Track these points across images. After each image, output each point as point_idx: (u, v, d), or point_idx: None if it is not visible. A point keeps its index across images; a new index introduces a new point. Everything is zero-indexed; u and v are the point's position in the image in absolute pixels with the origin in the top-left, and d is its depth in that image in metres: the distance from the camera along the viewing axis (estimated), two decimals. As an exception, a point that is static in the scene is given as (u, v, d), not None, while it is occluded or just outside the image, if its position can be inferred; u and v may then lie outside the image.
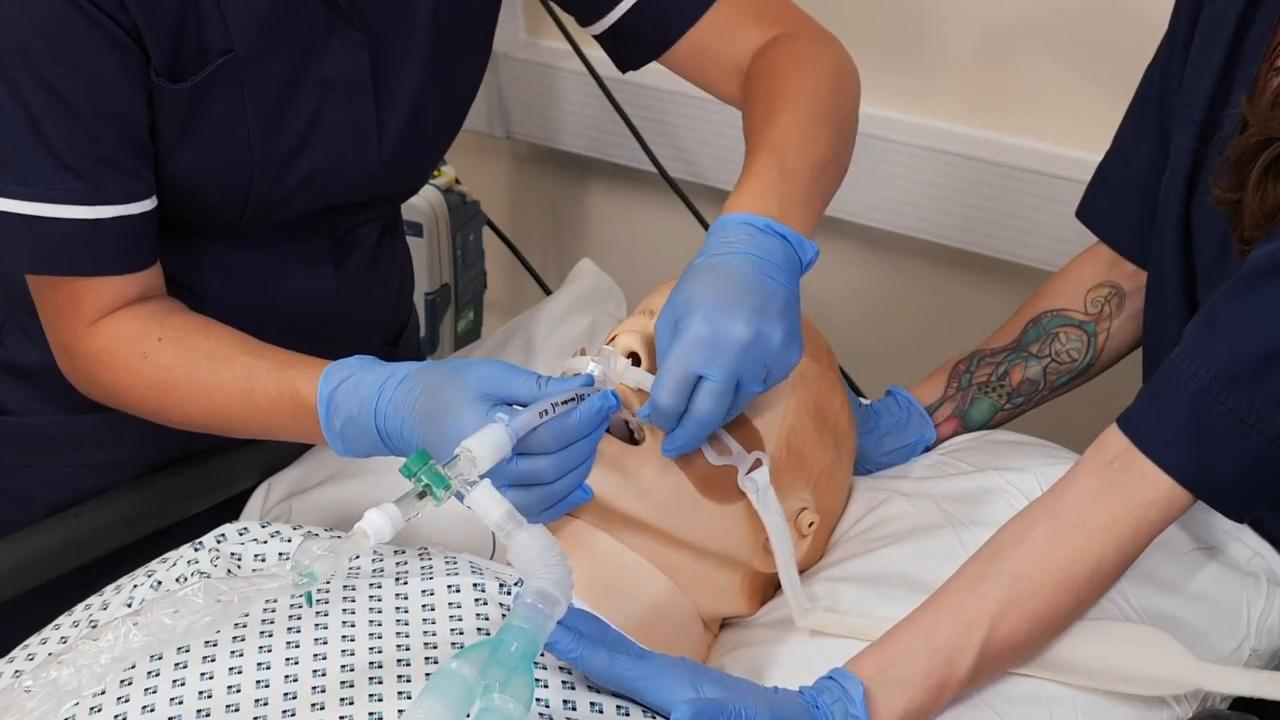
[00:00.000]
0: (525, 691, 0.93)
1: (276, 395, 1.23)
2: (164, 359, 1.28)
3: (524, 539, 1.00)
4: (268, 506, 1.48)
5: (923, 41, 2.08)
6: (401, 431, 1.13)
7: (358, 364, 1.19)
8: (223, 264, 1.43)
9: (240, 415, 1.26)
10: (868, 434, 1.40)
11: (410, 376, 1.14)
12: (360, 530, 0.98)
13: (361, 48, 1.34)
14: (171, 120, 1.29)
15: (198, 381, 1.27)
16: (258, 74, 1.30)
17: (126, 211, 1.28)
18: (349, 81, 1.35)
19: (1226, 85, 1.27)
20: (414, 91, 1.39)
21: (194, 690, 1.02)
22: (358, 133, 1.37)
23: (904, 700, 1.10)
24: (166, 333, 1.29)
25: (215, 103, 1.30)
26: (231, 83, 1.30)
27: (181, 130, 1.30)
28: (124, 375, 1.30)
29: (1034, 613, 1.14)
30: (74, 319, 1.31)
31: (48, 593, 1.38)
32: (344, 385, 1.17)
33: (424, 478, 1.01)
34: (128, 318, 1.30)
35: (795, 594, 1.21)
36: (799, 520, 1.25)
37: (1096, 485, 1.16)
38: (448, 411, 1.09)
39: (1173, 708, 1.19)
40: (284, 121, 1.33)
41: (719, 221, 1.22)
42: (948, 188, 2.07)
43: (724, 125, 2.21)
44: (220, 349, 1.28)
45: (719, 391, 1.13)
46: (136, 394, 1.30)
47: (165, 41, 1.25)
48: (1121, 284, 1.46)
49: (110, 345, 1.30)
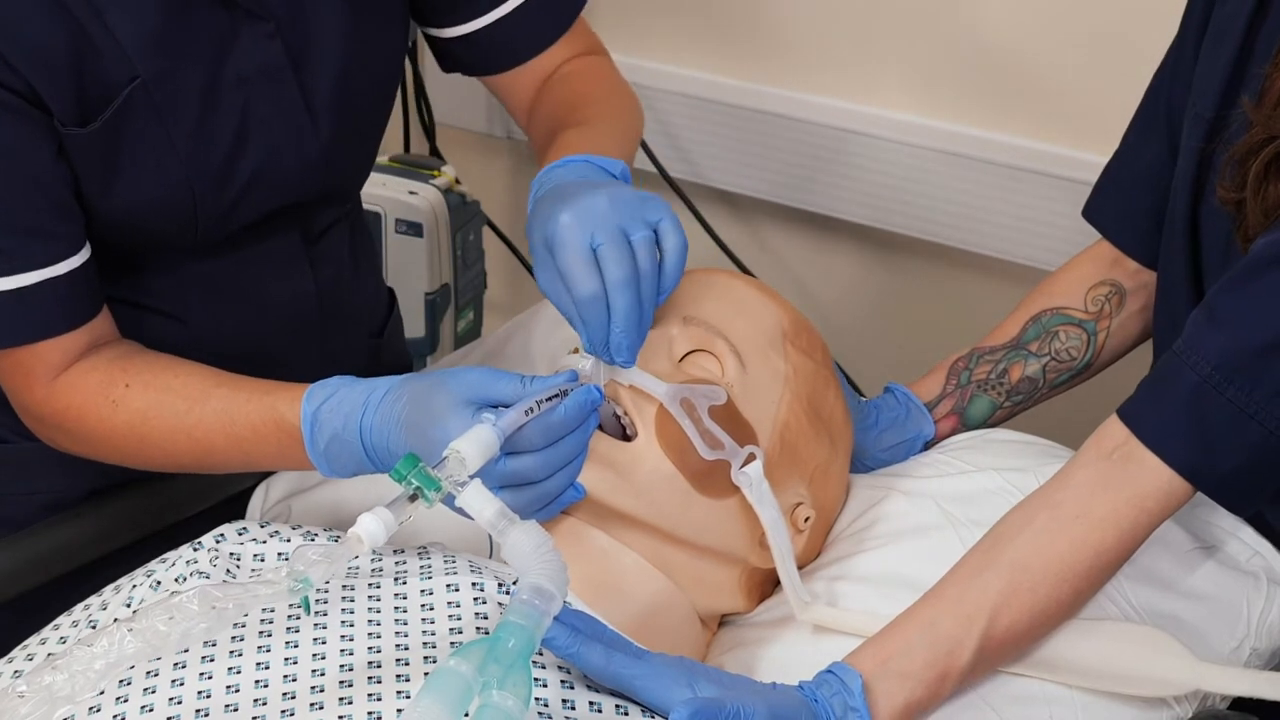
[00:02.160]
0: (524, 687, 0.93)
1: (259, 423, 1.22)
2: (136, 404, 1.26)
3: (517, 536, 1.00)
4: (266, 506, 1.48)
5: (922, 41, 2.08)
6: (388, 445, 1.13)
7: (339, 383, 1.18)
8: (202, 281, 1.41)
9: (223, 449, 1.24)
10: (866, 430, 1.40)
11: (394, 389, 1.14)
12: (354, 535, 0.98)
13: (271, 37, 1.32)
14: (91, 165, 1.27)
15: (175, 421, 1.25)
16: (171, 91, 1.28)
17: (53, 273, 1.26)
18: (268, 74, 1.33)
19: (1235, 85, 1.27)
20: (338, 73, 1.37)
21: (193, 690, 1.02)
22: (291, 124, 1.36)
23: (904, 693, 1.10)
24: (133, 378, 1.28)
25: (133, 133, 1.27)
26: (146, 109, 1.27)
27: (105, 169, 1.28)
28: (96, 427, 1.28)
29: (1034, 604, 1.14)
30: (29, 383, 1.29)
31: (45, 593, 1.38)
32: (328, 404, 1.17)
33: (414, 480, 1.01)
34: (89, 369, 1.29)
35: (794, 588, 1.21)
36: (795, 515, 1.25)
37: (1097, 476, 1.16)
38: (435, 419, 1.10)
39: (1173, 708, 1.19)
40: (213, 129, 1.31)
41: (543, 174, 1.27)
42: (948, 188, 2.08)
43: (724, 125, 2.21)
44: (193, 385, 1.26)
45: (617, 246, 1.13)
46: (112, 444, 1.28)
47: (65, 88, 1.23)
48: (1122, 282, 1.46)
49: (77, 400, 1.28)
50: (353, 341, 1.56)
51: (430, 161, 2.27)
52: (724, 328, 1.24)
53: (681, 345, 1.23)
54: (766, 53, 2.20)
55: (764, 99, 2.18)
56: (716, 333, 1.23)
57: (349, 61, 1.37)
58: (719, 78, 2.23)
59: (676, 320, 1.24)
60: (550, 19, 1.48)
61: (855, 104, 2.14)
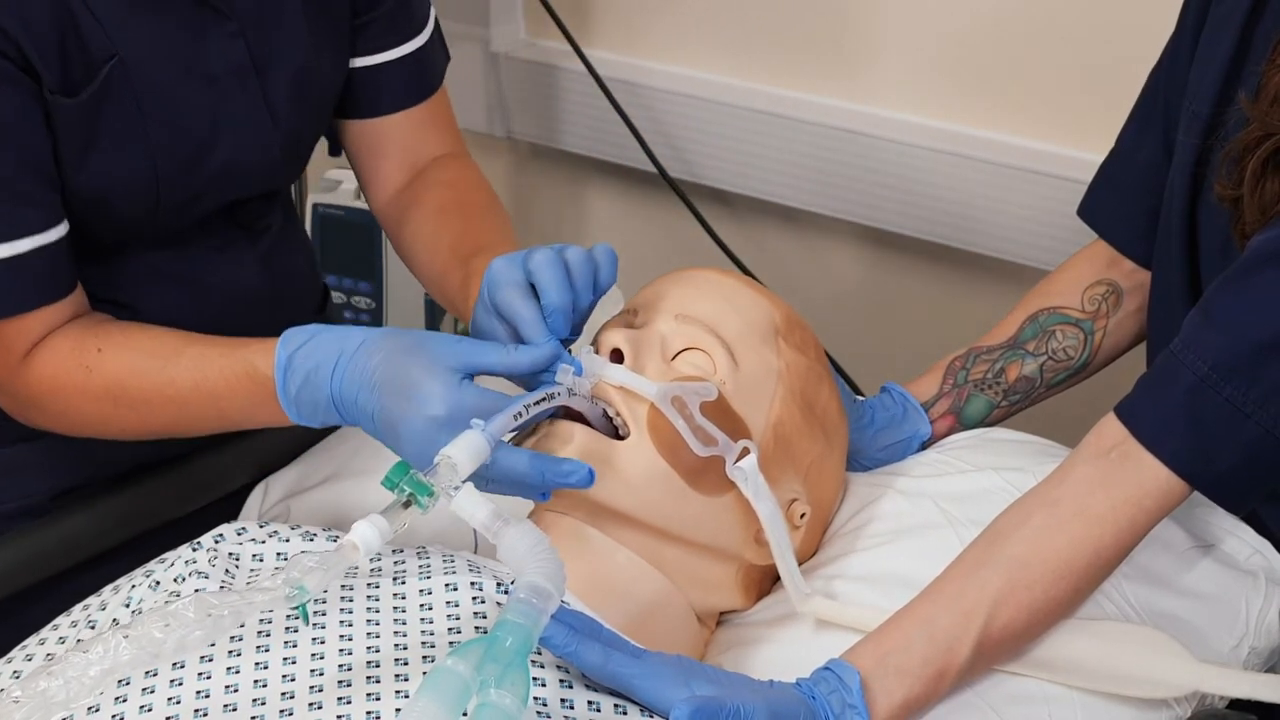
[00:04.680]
0: (522, 686, 0.93)
1: (231, 375, 1.22)
2: (109, 367, 1.27)
3: (512, 536, 1.00)
4: (266, 507, 1.48)
5: (922, 41, 2.08)
6: (356, 399, 1.14)
7: (316, 329, 1.19)
8: (149, 271, 1.42)
9: (196, 405, 1.25)
10: (863, 430, 1.40)
11: (369, 343, 1.15)
12: (349, 543, 0.99)
13: (236, 36, 1.35)
14: (72, 136, 1.28)
15: (148, 381, 1.26)
16: (147, 77, 1.30)
17: (43, 241, 1.27)
18: (233, 73, 1.36)
19: (1232, 83, 1.28)
20: (294, 73, 1.40)
21: (191, 691, 1.02)
22: (255, 123, 1.39)
23: (902, 690, 1.10)
24: (104, 342, 1.28)
25: (112, 111, 1.29)
26: (125, 89, 1.29)
27: (83, 144, 1.29)
28: (71, 396, 1.28)
29: (1032, 601, 1.14)
30: (6, 358, 1.29)
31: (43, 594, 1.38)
32: (303, 349, 1.18)
33: (406, 487, 1.02)
34: (60, 338, 1.29)
35: (793, 580, 1.21)
36: (791, 511, 1.25)
37: (1094, 474, 1.16)
38: (417, 384, 1.11)
39: (1172, 707, 1.19)
40: (184, 122, 1.34)
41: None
42: (947, 188, 2.08)
43: (724, 125, 2.21)
44: (165, 345, 1.27)
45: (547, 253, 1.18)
46: (87, 410, 1.28)
47: (52, 59, 1.25)
48: (1119, 282, 1.46)
49: (49, 370, 1.28)
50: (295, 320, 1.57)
51: (430, 162, 2.27)
52: (716, 324, 1.24)
53: (674, 343, 1.23)
54: (766, 53, 2.20)
55: (764, 99, 2.18)
56: (708, 329, 1.23)
57: (303, 67, 1.41)
58: (719, 77, 2.23)
59: (669, 318, 1.24)
60: (414, 85, 1.52)
61: (855, 104, 2.14)
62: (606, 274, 1.21)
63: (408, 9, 1.50)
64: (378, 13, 1.48)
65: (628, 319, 1.26)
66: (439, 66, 1.55)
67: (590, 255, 1.20)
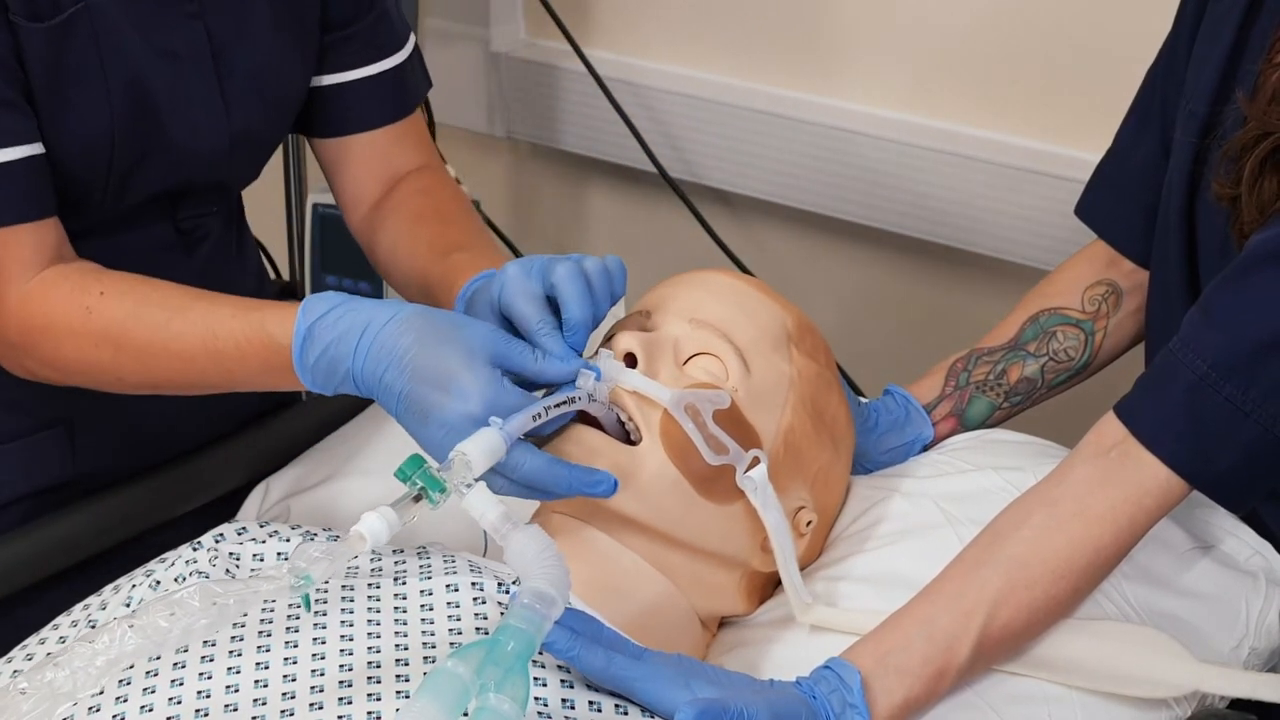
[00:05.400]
0: (521, 691, 0.93)
1: (243, 338, 1.18)
2: (111, 312, 1.22)
3: (520, 540, 1.00)
4: (266, 507, 1.48)
5: (922, 41, 2.08)
6: (382, 377, 1.11)
7: (340, 298, 1.16)
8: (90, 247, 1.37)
9: (202, 363, 1.20)
10: (866, 433, 1.40)
11: (399, 318, 1.12)
12: (357, 534, 0.99)
13: (194, 17, 1.34)
14: (39, 67, 1.25)
15: (153, 333, 1.21)
16: (110, 32, 1.28)
17: (32, 151, 1.25)
18: (189, 54, 1.34)
19: (1229, 82, 1.28)
20: (253, 68, 1.38)
21: (192, 690, 1.02)
22: (207, 106, 1.37)
23: (902, 689, 1.10)
24: (107, 286, 1.24)
25: (76, 51, 1.27)
26: (87, 34, 1.27)
27: (49, 80, 1.26)
28: (66, 339, 1.24)
29: (1032, 601, 1.14)
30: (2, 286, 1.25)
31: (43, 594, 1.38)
32: (325, 319, 1.14)
33: (419, 481, 1.01)
34: (60, 278, 1.25)
35: (796, 590, 1.21)
36: (797, 519, 1.25)
37: (1094, 474, 1.16)
38: (454, 376, 1.09)
39: (1172, 707, 1.19)
40: (141, 91, 1.31)
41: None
42: (947, 188, 2.08)
43: (724, 125, 2.22)
44: (173, 298, 1.23)
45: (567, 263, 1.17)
46: (84, 356, 1.24)
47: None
48: (1119, 282, 1.46)
49: (45, 309, 1.24)
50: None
51: (430, 161, 2.27)
52: (729, 330, 1.23)
53: (686, 348, 1.23)
54: (766, 53, 2.20)
55: (763, 99, 2.18)
56: (721, 335, 1.23)
57: (264, 65, 1.39)
58: (719, 77, 2.23)
59: (682, 322, 1.24)
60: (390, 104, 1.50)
61: (855, 104, 2.14)
62: (619, 286, 1.20)
63: (385, 26, 1.49)
64: (352, 30, 1.46)
65: (640, 321, 1.25)
66: (417, 88, 1.54)
67: (605, 267, 1.19)
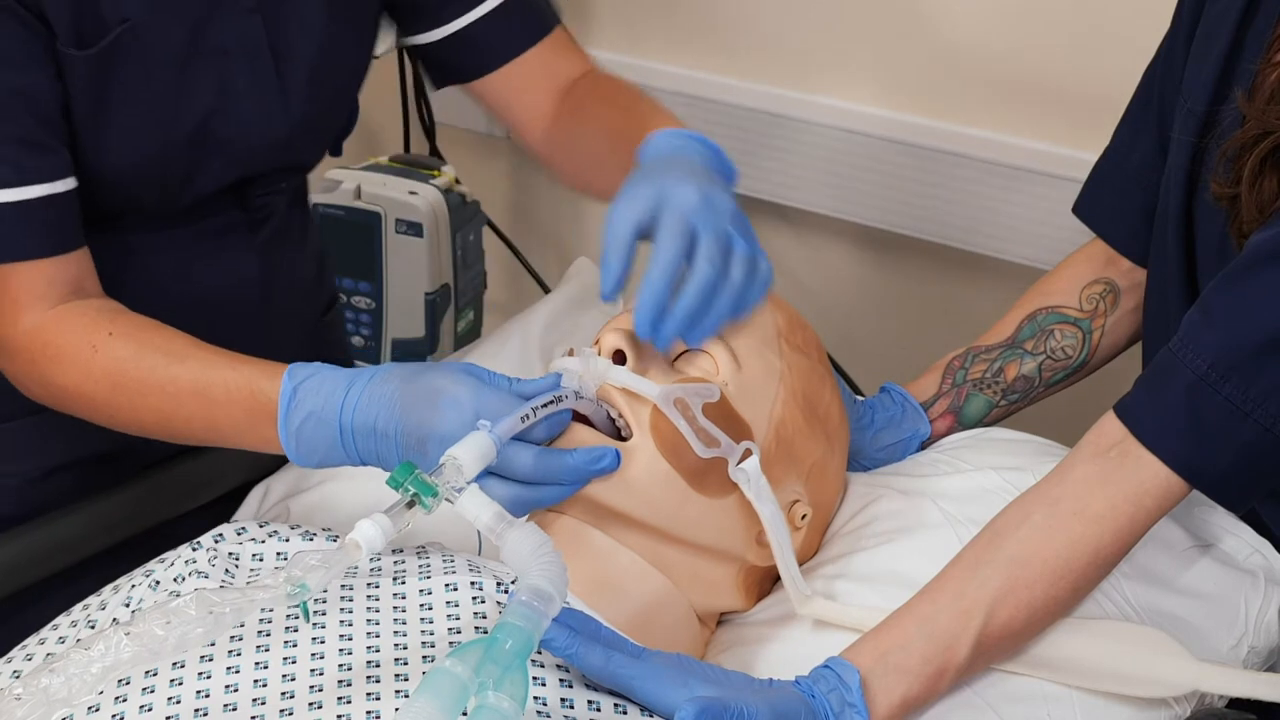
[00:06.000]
0: (520, 689, 0.93)
1: (234, 390, 1.21)
2: (115, 352, 1.26)
3: (516, 538, 1.01)
4: (265, 507, 1.48)
5: (921, 41, 2.08)
6: (375, 424, 1.14)
7: (321, 366, 1.20)
8: (144, 250, 1.43)
9: (190, 410, 1.24)
10: (862, 430, 1.40)
11: (380, 373, 1.16)
12: (352, 541, 0.99)
13: (252, 13, 1.37)
14: (83, 95, 1.30)
15: (150, 376, 1.25)
16: (156, 44, 1.32)
17: (50, 190, 1.28)
18: (246, 48, 1.37)
19: (1227, 81, 1.28)
20: (313, 57, 1.41)
21: (191, 690, 1.02)
22: (264, 99, 1.40)
23: (901, 688, 1.10)
24: (118, 328, 1.28)
25: (120, 75, 1.31)
26: (133, 54, 1.31)
27: (94, 106, 1.31)
28: (71, 370, 1.28)
29: (1031, 600, 1.14)
30: (11, 312, 1.29)
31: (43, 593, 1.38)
32: (309, 381, 1.18)
33: (411, 487, 1.02)
34: (77, 313, 1.29)
35: (794, 582, 1.21)
36: (792, 513, 1.25)
37: (1094, 473, 1.16)
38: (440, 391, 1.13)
39: (1171, 706, 1.19)
40: (191, 92, 1.35)
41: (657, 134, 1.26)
42: (947, 188, 2.08)
43: (724, 125, 2.21)
44: (175, 345, 1.26)
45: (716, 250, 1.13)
46: (84, 389, 1.28)
47: (65, 14, 1.27)
48: (1117, 281, 1.46)
49: (58, 339, 1.28)
50: (292, 324, 1.59)
51: (430, 161, 2.27)
52: None
53: (676, 345, 1.23)
54: (765, 53, 2.20)
55: (763, 99, 2.18)
56: None
57: (322, 49, 1.42)
58: (718, 77, 2.23)
59: None
60: (532, 20, 1.51)
61: (854, 104, 2.14)
62: (747, 295, 1.16)
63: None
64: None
65: (628, 319, 1.25)
66: (544, 6, 1.53)
67: (735, 280, 1.14)
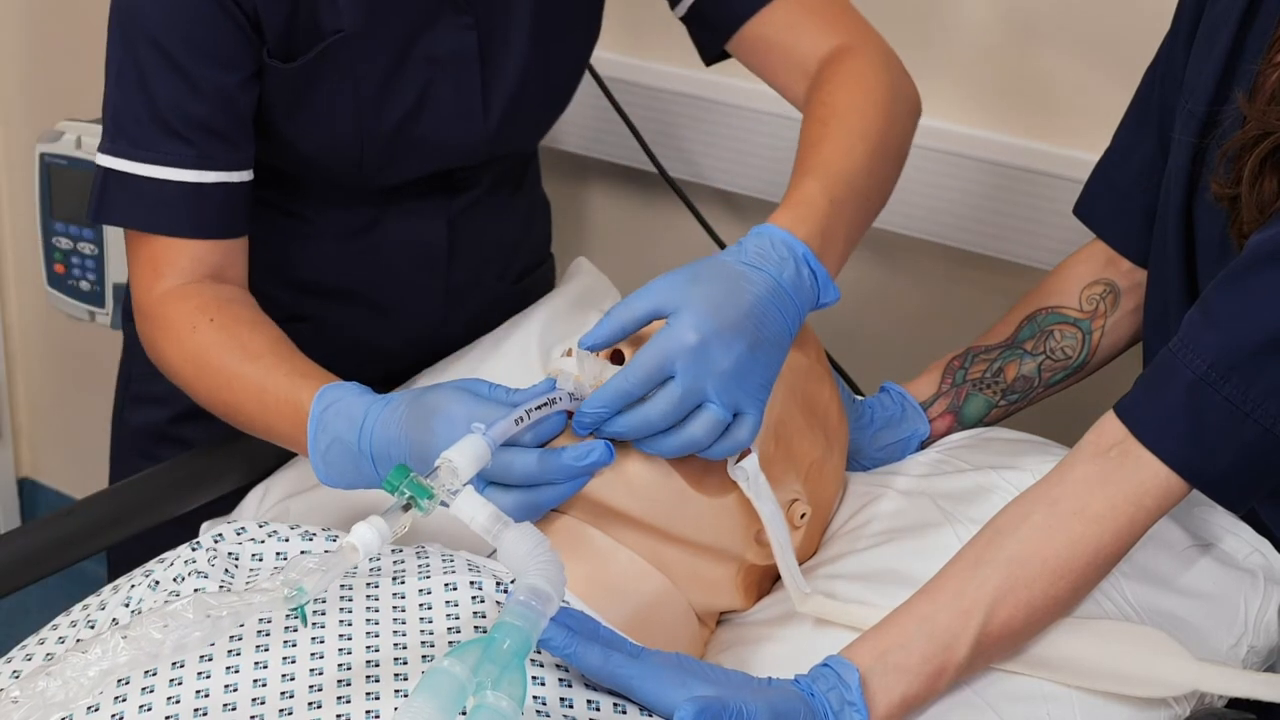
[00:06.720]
0: (518, 688, 0.93)
1: (285, 400, 1.28)
2: (206, 338, 1.35)
3: (512, 538, 1.01)
4: (265, 507, 1.48)
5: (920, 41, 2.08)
6: (388, 449, 1.18)
7: (348, 389, 1.24)
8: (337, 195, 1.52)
9: (249, 409, 1.32)
10: (861, 429, 1.40)
11: (393, 399, 1.20)
12: (349, 545, 0.99)
13: (469, 29, 1.42)
14: (282, 96, 1.38)
15: (226, 367, 1.34)
16: (365, 52, 1.38)
17: (227, 179, 1.36)
18: (457, 60, 1.43)
19: (1228, 81, 1.28)
20: (519, 69, 1.47)
21: (191, 690, 1.02)
22: (465, 107, 1.46)
23: (901, 687, 1.10)
24: (218, 316, 1.36)
25: (324, 81, 1.38)
26: (340, 61, 1.38)
27: (292, 105, 1.39)
28: (171, 344, 1.38)
29: (1031, 600, 1.14)
30: (151, 279, 1.39)
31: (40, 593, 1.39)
32: (333, 407, 1.23)
33: (406, 490, 1.02)
34: (194, 292, 1.38)
35: (793, 579, 1.21)
36: (791, 512, 1.25)
37: (1094, 473, 1.16)
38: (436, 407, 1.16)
39: (1171, 706, 1.19)
40: (392, 96, 1.42)
41: (761, 229, 1.22)
42: (947, 188, 2.07)
43: (724, 125, 2.21)
44: (255, 344, 1.34)
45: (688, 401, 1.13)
46: (176, 364, 1.38)
47: (280, 25, 1.34)
48: (1117, 281, 1.46)
49: (170, 312, 1.38)
50: (479, 283, 1.65)
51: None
52: None
53: None
54: (766, 53, 2.20)
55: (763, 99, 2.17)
56: None
57: (529, 64, 1.47)
58: (719, 77, 2.22)
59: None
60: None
61: (855, 104, 2.13)
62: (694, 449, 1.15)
63: None
64: None
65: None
66: None
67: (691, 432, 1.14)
